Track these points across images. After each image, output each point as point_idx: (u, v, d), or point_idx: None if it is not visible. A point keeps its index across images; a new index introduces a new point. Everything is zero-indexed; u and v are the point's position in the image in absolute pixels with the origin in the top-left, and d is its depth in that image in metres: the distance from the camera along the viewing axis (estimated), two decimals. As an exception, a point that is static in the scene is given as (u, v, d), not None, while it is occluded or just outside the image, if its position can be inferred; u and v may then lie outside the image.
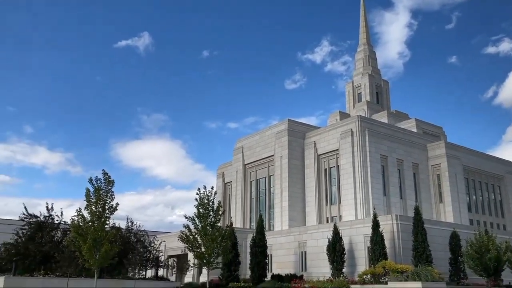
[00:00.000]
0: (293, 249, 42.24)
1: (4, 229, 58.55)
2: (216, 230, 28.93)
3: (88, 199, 21.96)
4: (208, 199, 29.59)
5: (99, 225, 21.71)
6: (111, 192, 22.29)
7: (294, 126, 60.33)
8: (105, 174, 22.42)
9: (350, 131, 53.00)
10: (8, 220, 69.83)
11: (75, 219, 22.10)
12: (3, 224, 69.98)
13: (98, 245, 21.47)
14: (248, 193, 65.76)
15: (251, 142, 66.44)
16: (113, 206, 22.26)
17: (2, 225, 69.65)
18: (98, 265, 21.92)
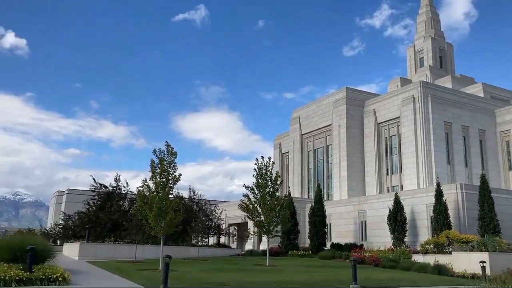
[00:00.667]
0: (353, 219, 42.01)
1: (76, 199, 62.63)
2: (275, 199, 29.28)
3: (153, 170, 22.81)
4: (266, 169, 29.88)
5: (163, 194, 22.57)
6: (174, 163, 23.01)
7: (352, 94, 59.00)
8: (168, 146, 23.12)
9: (412, 98, 51.06)
10: (79, 191, 74.42)
11: (141, 189, 23.09)
12: (75, 194, 74.87)
13: (163, 213, 22.38)
14: (305, 163, 65.68)
15: (307, 112, 65.84)
16: (176, 176, 23.00)
17: (74, 195, 74.56)
18: (164, 233, 22.91)
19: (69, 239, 43.70)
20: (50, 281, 15.30)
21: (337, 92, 61.05)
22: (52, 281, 15.32)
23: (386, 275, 22.72)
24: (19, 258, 17.68)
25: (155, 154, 22.88)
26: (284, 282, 18.12)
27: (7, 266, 16.29)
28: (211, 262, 28.89)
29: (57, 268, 16.80)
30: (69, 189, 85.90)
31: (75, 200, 65.95)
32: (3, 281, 14.56)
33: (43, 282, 15.15)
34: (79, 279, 17.23)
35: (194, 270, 22.46)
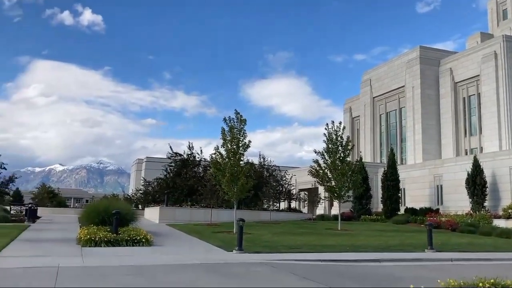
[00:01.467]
0: (428, 183, 40.70)
1: (155, 166, 66.01)
2: (346, 164, 28.99)
3: (224, 137, 23.41)
4: (336, 134, 29.53)
5: (234, 161, 23.18)
6: (244, 130, 23.42)
7: (426, 53, 55.97)
8: (237, 113, 23.51)
9: (494, 54, 47.51)
10: (157, 158, 78.15)
11: (214, 156, 23.85)
12: (153, 162, 78.80)
13: (235, 179, 23.05)
14: (377, 127, 63.98)
15: (379, 74, 63.57)
16: (246, 143, 23.44)
17: (153, 163, 78.51)
18: (236, 197, 23.64)
19: (149, 203, 46.39)
20: (135, 242, 16.49)
21: (410, 51, 58.19)
22: (137, 242, 16.50)
23: (464, 240, 21.98)
24: (106, 221, 19.15)
25: (225, 122, 23.41)
26: (357, 246, 18.17)
27: (96, 228, 17.76)
28: (283, 225, 29.49)
29: (140, 230, 18.04)
30: (147, 157, 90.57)
31: (153, 168, 69.50)
32: (94, 241, 15.93)
33: (128, 243, 16.37)
34: (161, 241, 18.38)
35: (266, 233, 23.10)
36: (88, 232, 16.61)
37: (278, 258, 14.04)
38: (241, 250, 15.12)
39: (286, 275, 11.14)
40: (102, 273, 10.72)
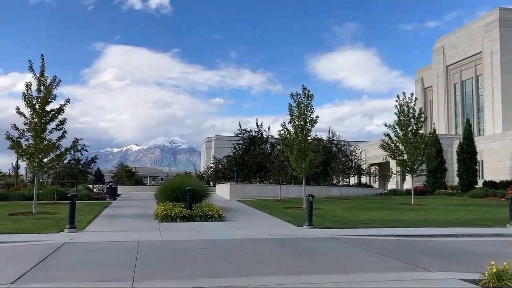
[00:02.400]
0: (509, 154, 38.21)
1: (224, 144, 67.55)
2: (419, 137, 27.87)
3: (291, 114, 23.31)
4: (407, 106, 28.40)
5: (302, 137, 23.08)
6: (311, 106, 23.16)
7: (507, 14, 51.79)
8: (304, 89, 23.25)
9: None
10: (226, 137, 79.78)
11: (282, 132, 23.88)
12: (222, 140, 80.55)
13: (303, 155, 23.00)
14: (451, 97, 60.69)
15: (453, 40, 59.90)
16: (313, 119, 23.20)
17: (222, 141, 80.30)
18: (305, 173, 23.61)
19: (220, 180, 47.64)
20: (208, 218, 17.10)
21: (488, 14, 54.13)
22: (210, 218, 17.09)
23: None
24: (180, 197, 19.98)
25: (292, 98, 23.27)
26: (431, 220, 17.58)
27: (172, 204, 18.60)
28: (353, 201, 29.14)
29: (212, 206, 18.64)
30: (216, 135, 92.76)
31: (222, 145, 71.15)
32: (170, 217, 16.72)
33: (202, 218, 17.00)
34: (232, 216, 18.89)
35: (336, 208, 22.96)
36: (164, 208, 17.45)
37: (349, 233, 13.94)
38: (311, 225, 15.18)
39: (358, 250, 11.05)
40: (179, 247, 11.24)
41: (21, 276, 7.59)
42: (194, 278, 7.71)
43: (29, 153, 18.99)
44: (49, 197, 27.64)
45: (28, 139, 19.06)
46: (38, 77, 19.04)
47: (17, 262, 8.98)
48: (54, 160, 20.60)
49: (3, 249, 10.87)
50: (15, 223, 15.36)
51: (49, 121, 19.18)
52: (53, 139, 19.39)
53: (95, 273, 8.07)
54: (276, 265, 9.09)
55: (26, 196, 27.67)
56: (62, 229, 13.80)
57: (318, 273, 8.34)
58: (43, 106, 18.91)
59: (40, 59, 19.22)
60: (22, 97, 18.78)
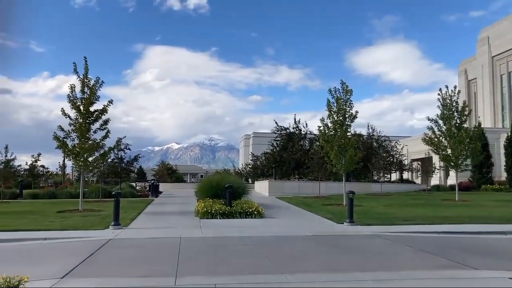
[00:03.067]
0: (561, 148, 36.38)
1: (261, 141, 67.67)
2: (463, 131, 26.96)
3: (330, 109, 23.06)
4: (451, 99, 27.52)
5: (341, 132, 22.81)
6: (350, 101, 22.83)
7: (557, 1, 49.22)
8: (343, 83, 22.94)
9: None
10: (263, 133, 79.88)
11: (321, 128, 23.66)
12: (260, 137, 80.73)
13: (343, 151, 22.74)
14: (497, 89, 58.34)
15: (499, 30, 57.52)
16: (353, 114, 22.86)
17: (260, 138, 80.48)
18: (345, 170, 23.32)
19: (259, 177, 47.80)
20: (247, 214, 17.19)
21: (536, 1, 51.65)
22: (249, 214, 17.18)
23: None
24: (220, 194, 20.18)
25: (331, 93, 23.01)
26: (477, 217, 16.98)
27: (212, 201, 18.83)
28: (395, 197, 28.56)
29: (252, 203, 18.73)
30: (254, 132, 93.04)
31: (260, 142, 71.32)
32: (210, 214, 16.94)
33: (241, 215, 17.12)
34: (272, 213, 18.92)
35: (378, 205, 22.57)
36: (204, 205, 17.70)
37: (391, 230, 13.68)
38: (352, 222, 15.00)
39: (401, 247, 10.83)
40: (220, 243, 11.37)
41: (70, 271, 7.90)
42: (236, 274, 7.79)
43: (75, 153, 19.68)
44: (94, 195, 28.59)
45: (74, 139, 19.73)
46: (82, 79, 19.67)
47: (66, 258, 9.35)
48: (99, 159, 21.25)
49: (53, 245, 11.34)
50: (63, 220, 15.98)
51: (93, 121, 19.78)
52: (97, 139, 20.00)
53: (140, 268, 8.29)
54: (316, 262, 9.05)
55: (73, 194, 28.72)
56: (107, 226, 14.24)
57: (359, 270, 8.24)
58: (87, 107, 19.53)
59: (83, 61, 19.86)
60: (67, 98, 19.48)
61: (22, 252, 10.43)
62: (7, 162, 27.44)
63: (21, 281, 5.92)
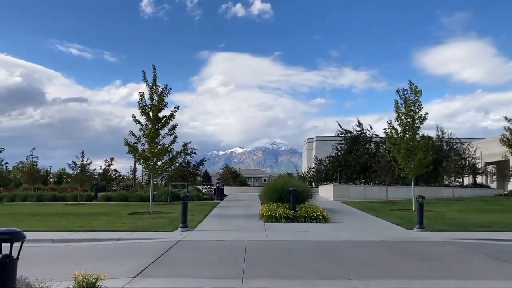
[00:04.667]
0: None
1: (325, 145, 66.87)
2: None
3: (398, 111, 22.33)
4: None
5: (410, 135, 22.02)
6: (419, 102, 21.99)
7: None
8: (411, 84, 22.14)
9: None
10: (327, 137, 78.87)
11: (388, 131, 22.98)
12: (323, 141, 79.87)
13: (411, 154, 21.94)
14: None
15: None
16: (422, 116, 22.00)
17: (323, 141, 79.65)
18: (414, 174, 22.48)
19: (322, 181, 47.27)
20: (312, 219, 17.03)
21: None
22: (314, 219, 17.01)
23: None
24: (284, 198, 20.17)
25: (399, 95, 22.28)
26: None
27: (276, 205, 18.86)
28: (468, 202, 27.08)
29: (316, 207, 18.54)
30: (317, 136, 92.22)
31: (324, 146, 70.50)
32: (274, 217, 16.97)
33: (306, 219, 16.98)
34: (337, 217, 18.62)
35: (449, 210, 21.54)
36: (268, 209, 17.77)
37: (464, 237, 12.98)
38: (422, 228, 14.42)
39: (475, 255, 10.25)
40: (285, 247, 11.35)
41: (141, 271, 8.22)
42: (301, 278, 7.73)
43: (145, 157, 20.54)
44: (163, 197, 29.64)
45: (144, 144, 20.62)
46: (150, 86, 20.51)
47: (138, 258, 9.74)
48: (167, 163, 22.03)
49: (126, 246, 11.87)
50: (134, 222, 16.69)
51: (161, 127, 20.55)
52: (165, 144, 20.76)
53: (207, 269, 8.47)
54: (384, 268, 8.77)
55: (143, 197, 29.93)
56: (175, 227, 14.69)
57: (431, 278, 7.89)
58: (156, 113, 20.32)
59: (152, 69, 20.71)
60: (137, 105, 20.38)
61: (98, 252, 11.00)
62: (83, 167, 29.16)
63: (98, 279, 6.24)
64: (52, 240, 12.53)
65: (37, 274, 5.82)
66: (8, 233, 4.11)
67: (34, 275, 5.69)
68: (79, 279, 6.13)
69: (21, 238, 4.19)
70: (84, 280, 6.12)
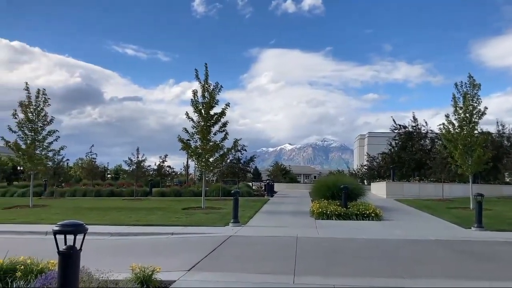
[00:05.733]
0: None
1: (377, 141, 65.48)
2: None
3: (455, 105, 21.43)
4: None
5: (468, 130, 21.10)
6: (478, 96, 21.02)
7: None
8: (470, 77, 21.18)
9: None
10: (379, 133, 77.17)
11: (444, 126, 22.12)
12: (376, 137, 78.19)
13: (469, 150, 21.03)
14: None
15: None
16: (481, 110, 21.00)
17: (375, 138, 77.96)
18: (471, 171, 21.52)
19: (375, 178, 46.31)
20: (364, 216, 16.74)
21: None
22: (366, 217, 16.72)
23: None
24: (335, 195, 19.98)
25: (456, 88, 21.38)
26: None
27: (327, 202, 18.71)
28: (532, 201, 25.63)
29: (369, 205, 18.21)
30: (369, 132, 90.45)
31: (376, 142, 69.02)
32: (326, 214, 16.84)
33: (357, 217, 16.72)
34: (390, 215, 18.20)
35: (510, 209, 20.49)
36: (319, 206, 17.65)
37: (528, 238, 12.31)
38: (481, 227, 13.83)
39: (541, 258, 9.70)
40: (336, 244, 11.24)
41: (195, 264, 8.42)
42: (354, 276, 7.64)
43: (198, 154, 20.97)
44: (214, 193, 30.16)
45: (196, 141, 21.05)
46: (202, 85, 20.88)
47: (191, 252, 9.99)
48: (218, 159, 22.37)
49: (179, 240, 12.20)
50: (188, 216, 17.10)
51: (213, 124, 20.89)
52: (217, 141, 21.08)
53: (258, 265, 8.55)
54: (441, 268, 8.49)
55: (196, 192, 30.57)
56: (227, 223, 14.92)
57: (490, 279, 7.55)
58: (208, 110, 20.67)
59: (204, 68, 21.09)
60: (190, 103, 20.83)
61: (153, 245, 11.38)
62: (138, 163, 30.19)
63: (154, 271, 6.47)
64: (111, 233, 13.08)
65: (97, 265, 6.11)
66: (73, 225, 4.34)
67: (95, 266, 5.98)
68: (136, 271, 6.39)
69: (83, 230, 4.40)
70: (141, 272, 6.37)
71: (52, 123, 22.50)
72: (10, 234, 13.24)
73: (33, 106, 21.86)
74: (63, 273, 4.30)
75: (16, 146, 21.80)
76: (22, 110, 21.63)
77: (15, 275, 5.95)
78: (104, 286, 5.68)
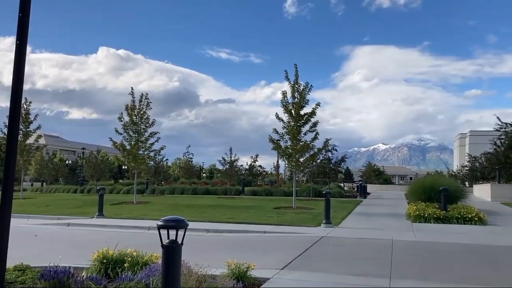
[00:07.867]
0: None
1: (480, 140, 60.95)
2: None
3: None
4: None
5: None
6: None
7: None
8: None
9: None
10: (483, 132, 71.74)
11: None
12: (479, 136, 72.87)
13: None
14: None
15: None
16: None
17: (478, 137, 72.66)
18: None
19: (477, 180, 43.21)
20: (466, 220, 15.70)
21: None
22: (468, 221, 15.67)
23: None
24: (433, 198, 18.98)
25: None
26: None
27: (424, 204, 17.83)
28: None
29: (471, 208, 17.05)
30: (471, 130, 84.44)
31: (479, 142, 64.36)
32: (423, 217, 16.06)
33: (458, 221, 15.73)
34: (496, 220, 16.89)
35: None
36: (416, 208, 16.89)
37: None
38: None
39: None
40: (435, 249, 10.68)
41: (288, 263, 8.50)
42: (453, 282, 7.21)
43: (288, 154, 21.12)
44: (305, 193, 30.13)
45: (287, 141, 21.21)
46: (292, 85, 21.00)
47: (284, 251, 10.10)
48: (309, 159, 22.34)
49: (272, 238, 12.40)
50: (279, 215, 17.31)
51: (303, 124, 20.92)
52: (307, 141, 21.07)
53: (352, 267, 8.40)
54: (557, 279, 7.70)
55: (286, 192, 30.79)
56: (318, 223, 14.85)
57: None
58: (298, 110, 20.74)
59: (294, 68, 21.18)
60: (280, 104, 21.05)
61: (247, 242, 11.69)
62: (231, 163, 31.14)
63: (249, 268, 6.65)
64: (207, 230, 13.68)
65: (196, 260, 6.42)
66: (175, 221, 4.61)
67: (193, 261, 6.29)
68: (232, 267, 6.62)
69: (184, 225, 4.65)
70: (236, 268, 6.59)
71: (154, 125, 24.08)
72: (117, 228, 14.42)
73: (137, 110, 23.52)
74: (166, 265, 4.58)
75: (122, 146, 23.63)
76: (127, 113, 23.37)
77: (123, 266, 6.47)
78: (202, 279, 5.96)
